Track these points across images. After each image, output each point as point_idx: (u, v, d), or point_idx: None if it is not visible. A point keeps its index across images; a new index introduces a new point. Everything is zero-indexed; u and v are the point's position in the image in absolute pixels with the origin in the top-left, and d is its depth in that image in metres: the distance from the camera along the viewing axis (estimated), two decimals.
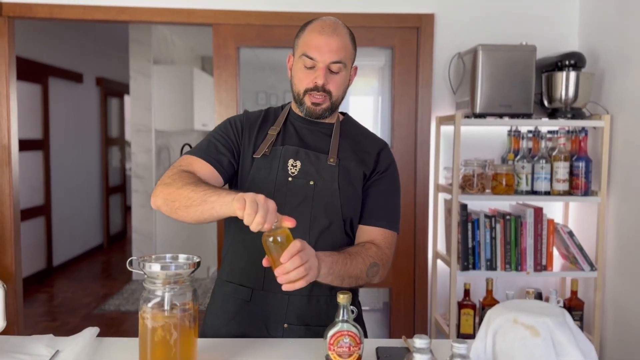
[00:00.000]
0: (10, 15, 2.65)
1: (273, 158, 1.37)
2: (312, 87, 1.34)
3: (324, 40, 1.32)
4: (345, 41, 1.35)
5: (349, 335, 1.12)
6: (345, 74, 1.37)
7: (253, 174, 1.38)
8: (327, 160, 1.37)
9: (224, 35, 2.77)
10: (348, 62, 1.37)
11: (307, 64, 1.34)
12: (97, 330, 1.33)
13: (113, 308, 4.34)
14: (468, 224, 2.50)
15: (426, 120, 2.79)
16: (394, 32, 2.79)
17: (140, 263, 1.13)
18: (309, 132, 1.43)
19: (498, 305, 0.93)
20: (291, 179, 1.36)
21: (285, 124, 1.44)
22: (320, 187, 1.36)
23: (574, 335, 0.90)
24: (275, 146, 1.39)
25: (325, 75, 1.33)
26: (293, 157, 1.37)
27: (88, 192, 6.15)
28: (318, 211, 1.35)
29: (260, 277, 1.37)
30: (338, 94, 1.37)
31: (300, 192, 1.35)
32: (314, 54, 1.32)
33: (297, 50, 1.38)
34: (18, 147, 2.81)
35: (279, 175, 1.36)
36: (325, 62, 1.32)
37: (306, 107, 1.37)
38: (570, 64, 2.49)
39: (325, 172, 1.37)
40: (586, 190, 2.47)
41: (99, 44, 6.16)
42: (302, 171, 1.36)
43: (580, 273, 2.53)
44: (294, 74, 1.39)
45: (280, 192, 1.35)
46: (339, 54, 1.33)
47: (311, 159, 1.38)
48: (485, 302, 2.53)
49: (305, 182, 1.36)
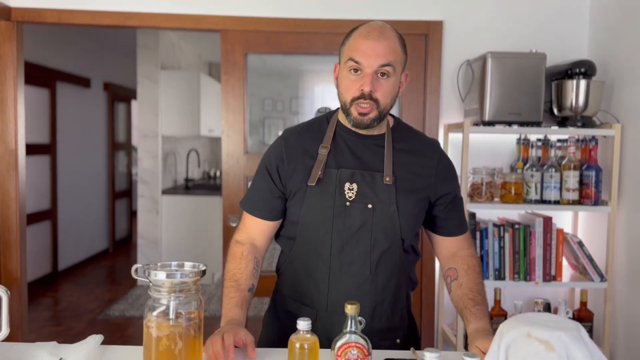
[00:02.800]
0: (19, 20, 2.66)
1: (328, 182, 1.33)
2: (358, 95, 1.28)
3: (370, 44, 1.26)
4: (393, 44, 1.28)
5: (357, 347, 1.09)
6: (395, 79, 1.30)
7: (309, 201, 1.34)
8: (384, 180, 1.32)
9: (231, 42, 2.76)
10: (397, 65, 1.29)
11: (353, 68, 1.28)
12: (101, 337, 1.32)
13: (118, 313, 4.33)
14: (476, 233, 2.48)
15: (434, 127, 2.77)
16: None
17: (145, 271, 1.11)
18: (361, 147, 1.36)
19: (511, 318, 0.91)
20: (349, 204, 1.32)
21: (334, 139, 1.38)
22: (379, 210, 1.33)
23: (590, 350, 0.87)
24: (328, 167, 1.34)
25: (372, 81, 1.26)
26: (349, 181, 1.33)
27: (94, 196, 6.16)
28: (378, 235, 1.33)
29: (324, 299, 1.36)
30: (386, 102, 1.30)
31: (359, 217, 1.32)
32: (360, 58, 1.26)
33: (343, 56, 1.31)
34: (25, 152, 2.81)
35: (336, 200, 1.32)
36: (372, 67, 1.26)
37: (353, 118, 1.31)
38: (581, 72, 2.47)
39: (382, 193, 1.33)
40: (596, 200, 2.44)
41: (106, 49, 6.19)
42: (359, 194, 1.32)
43: (590, 284, 2.49)
44: (340, 83, 1.33)
45: (339, 218, 1.32)
46: (387, 57, 1.26)
47: (367, 180, 1.33)
48: (493, 312, 2.50)
49: (363, 206, 1.32)
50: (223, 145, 2.82)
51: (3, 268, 2.71)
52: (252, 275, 1.39)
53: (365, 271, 1.34)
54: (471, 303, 1.29)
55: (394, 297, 1.39)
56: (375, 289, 1.35)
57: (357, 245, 1.33)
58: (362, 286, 1.34)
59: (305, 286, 1.39)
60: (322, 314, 1.37)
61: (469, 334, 1.21)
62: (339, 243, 1.33)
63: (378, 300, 1.36)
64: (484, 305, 1.29)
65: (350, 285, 1.34)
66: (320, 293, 1.35)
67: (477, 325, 1.21)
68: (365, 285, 1.34)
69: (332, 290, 1.34)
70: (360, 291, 1.34)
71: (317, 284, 1.36)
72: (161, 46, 5.13)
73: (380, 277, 1.35)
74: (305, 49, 2.76)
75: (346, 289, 1.34)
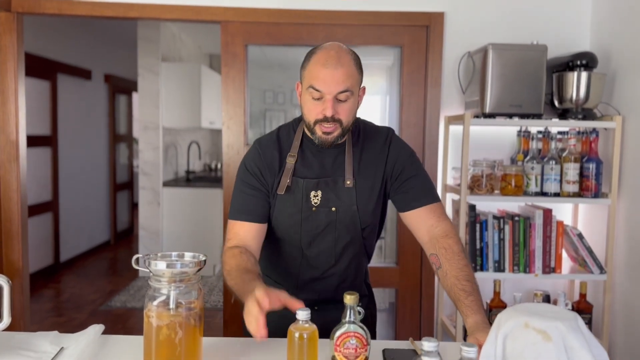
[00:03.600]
0: (19, 11, 2.65)
1: (296, 190, 1.45)
2: (321, 118, 1.36)
3: (328, 73, 1.33)
4: (350, 70, 1.35)
5: (356, 337, 1.10)
6: (354, 99, 1.39)
7: (280, 208, 1.47)
8: (345, 184, 1.45)
9: (232, 33, 2.76)
10: (355, 88, 1.38)
11: (314, 95, 1.36)
12: (102, 327, 1.33)
13: (119, 304, 4.35)
14: (476, 225, 2.48)
15: (435, 119, 2.76)
16: (403, 31, 2.77)
17: (145, 261, 1.12)
18: (325, 155, 1.47)
19: (509, 308, 0.92)
20: (315, 209, 1.45)
21: (301, 147, 1.48)
22: (342, 211, 1.46)
23: (587, 340, 0.88)
24: (296, 176, 1.45)
25: (333, 106, 1.34)
26: (314, 189, 1.45)
27: (95, 188, 6.17)
28: (341, 231, 1.48)
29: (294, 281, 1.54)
30: (348, 120, 1.40)
31: (324, 219, 1.46)
32: (321, 86, 1.34)
33: (304, 82, 1.39)
34: (26, 143, 2.82)
35: (303, 206, 1.45)
36: (332, 93, 1.34)
37: (318, 137, 1.40)
38: (582, 64, 2.46)
39: (344, 195, 1.45)
40: (596, 192, 2.44)
41: (107, 41, 6.17)
42: (324, 199, 1.45)
43: (589, 276, 2.50)
44: (303, 104, 1.41)
45: (306, 221, 1.46)
46: (345, 83, 1.34)
47: (330, 185, 1.45)
48: (493, 304, 2.51)
49: (328, 210, 1.45)
50: (223, 137, 2.83)
51: (5, 259, 2.72)
52: (256, 263, 1.39)
53: (330, 260, 1.50)
54: (463, 294, 1.29)
55: (355, 275, 1.57)
56: (338, 271, 1.53)
57: (322, 241, 1.48)
58: (327, 271, 1.52)
59: (279, 269, 1.56)
60: (292, 290, 1.43)
61: (468, 328, 1.23)
62: (307, 240, 1.48)
63: (341, 279, 1.54)
64: (476, 293, 1.29)
65: (317, 270, 1.52)
66: (291, 276, 1.54)
67: (475, 318, 1.23)
68: (330, 270, 1.52)
69: (301, 274, 1.53)
70: (326, 274, 1.52)
71: (288, 269, 1.54)
72: (162, 38, 5.12)
73: (343, 263, 1.52)
74: (306, 40, 2.75)
75: (313, 274, 1.52)
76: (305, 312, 1.12)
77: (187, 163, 5.84)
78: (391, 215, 2.90)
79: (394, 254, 2.97)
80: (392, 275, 2.88)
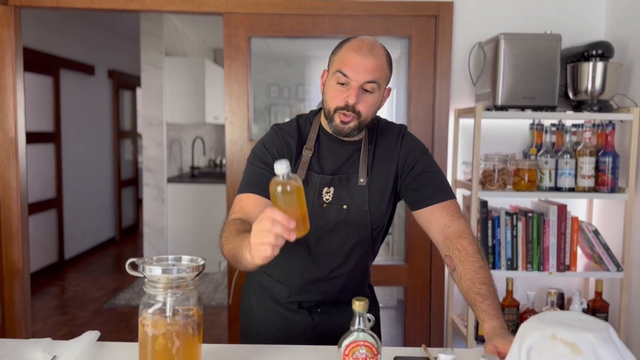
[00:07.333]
0: (17, 4, 2.58)
1: (309, 185, 1.40)
2: (342, 105, 1.33)
3: (360, 60, 1.31)
4: (381, 62, 1.33)
5: (366, 346, 1.03)
6: (378, 95, 1.36)
7: None
8: (358, 181, 1.41)
9: (234, 25, 2.68)
10: (382, 83, 1.35)
11: (340, 80, 1.32)
12: (98, 334, 1.26)
13: (124, 302, 4.30)
14: (488, 222, 2.40)
15: (444, 113, 2.68)
16: (411, 21, 2.68)
17: (140, 266, 1.05)
18: (341, 151, 1.44)
19: (533, 317, 0.84)
20: (326, 205, 1.41)
21: (317, 141, 1.44)
22: (353, 210, 1.42)
23: (620, 352, 0.80)
24: (311, 170, 1.41)
25: (357, 94, 1.32)
26: (327, 186, 1.41)
27: (100, 185, 6.12)
28: (350, 231, 1.43)
29: (299, 280, 1.48)
30: (367, 114, 1.36)
31: (335, 217, 1.41)
32: (349, 72, 1.31)
33: (332, 67, 1.36)
34: (25, 140, 2.75)
35: (314, 202, 1.40)
36: (359, 81, 1.31)
37: (335, 125, 1.37)
38: (597, 54, 2.37)
39: (356, 194, 1.41)
40: (613, 187, 2.35)
41: (110, 35, 6.11)
42: (335, 196, 1.41)
43: (605, 274, 2.41)
44: (327, 91, 1.38)
45: (316, 217, 1.39)
46: (374, 74, 1.31)
47: (343, 183, 1.41)
48: (505, 302, 2.43)
49: (339, 208, 1.41)
50: (227, 132, 2.75)
51: (5, 258, 2.67)
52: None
53: (337, 260, 1.46)
54: (479, 298, 1.24)
55: (361, 277, 1.53)
56: (345, 272, 1.48)
57: (331, 240, 1.43)
58: (333, 271, 1.47)
59: (282, 268, 1.49)
60: (295, 291, 1.49)
61: (485, 334, 1.18)
62: (315, 238, 1.42)
63: (346, 281, 1.49)
64: (493, 296, 1.24)
65: (323, 271, 1.46)
66: (296, 275, 1.48)
67: (493, 323, 1.18)
68: (336, 271, 1.47)
69: (306, 274, 1.47)
70: (332, 275, 1.47)
71: (294, 268, 1.47)
72: (165, 32, 5.04)
73: (350, 263, 1.47)
74: (311, 32, 2.67)
75: (319, 274, 1.47)
76: (284, 163, 1.00)
77: (191, 159, 5.78)
78: (399, 211, 2.82)
79: (402, 251, 2.89)
80: (400, 273, 2.80)
